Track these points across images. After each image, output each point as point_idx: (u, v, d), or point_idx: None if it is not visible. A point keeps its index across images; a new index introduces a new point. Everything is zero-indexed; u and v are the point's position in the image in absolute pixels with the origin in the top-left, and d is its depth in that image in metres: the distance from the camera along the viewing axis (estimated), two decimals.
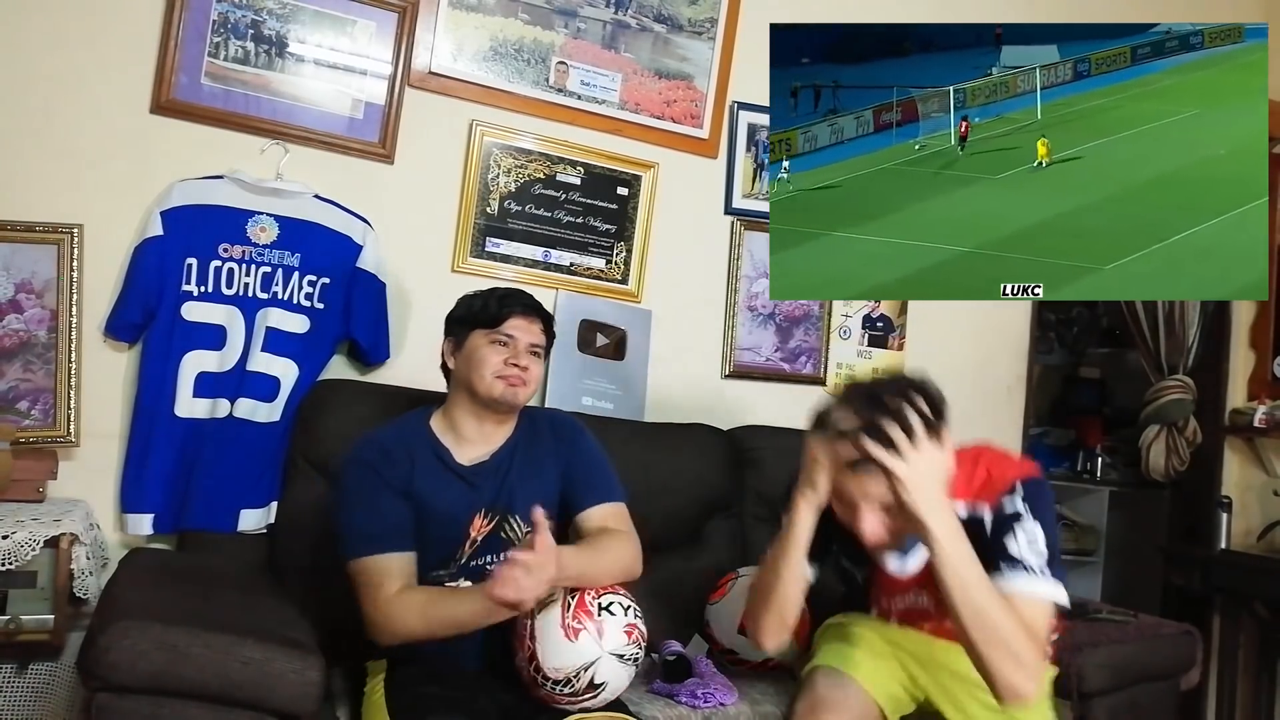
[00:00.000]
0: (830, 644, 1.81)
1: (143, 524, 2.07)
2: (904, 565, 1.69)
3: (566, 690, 1.61)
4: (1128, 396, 3.92)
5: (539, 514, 1.57)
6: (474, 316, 1.84)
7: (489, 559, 1.76)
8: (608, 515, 1.83)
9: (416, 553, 1.73)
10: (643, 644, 1.68)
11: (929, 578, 1.58)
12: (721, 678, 2.00)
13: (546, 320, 1.89)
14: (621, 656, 1.63)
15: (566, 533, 1.87)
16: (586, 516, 1.81)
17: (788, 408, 2.75)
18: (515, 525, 1.79)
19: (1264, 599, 3.20)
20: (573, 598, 1.63)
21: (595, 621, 1.61)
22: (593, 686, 1.61)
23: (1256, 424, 3.29)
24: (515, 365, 1.79)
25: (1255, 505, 3.39)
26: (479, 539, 1.77)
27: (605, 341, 2.56)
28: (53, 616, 1.81)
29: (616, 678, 1.64)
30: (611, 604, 1.64)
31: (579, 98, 2.53)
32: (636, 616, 1.67)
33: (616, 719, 1.68)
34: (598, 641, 1.61)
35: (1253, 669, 3.35)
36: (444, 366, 1.88)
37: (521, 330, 1.82)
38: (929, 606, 1.73)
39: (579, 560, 1.65)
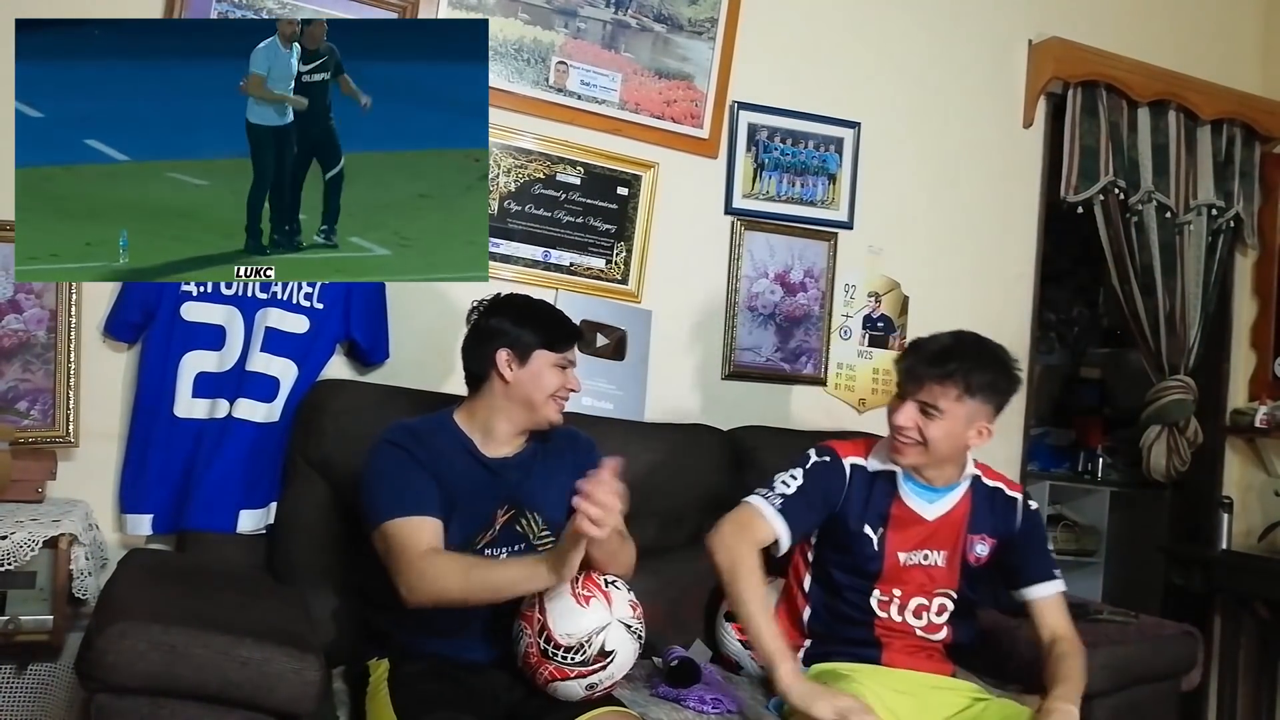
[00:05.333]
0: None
1: (142, 524, 2.07)
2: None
3: (576, 659, 1.62)
4: (1128, 397, 3.91)
5: (615, 461, 1.57)
6: (545, 337, 1.84)
7: (502, 552, 1.78)
8: None
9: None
10: (644, 623, 1.71)
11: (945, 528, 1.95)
12: (729, 688, 2.00)
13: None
14: (629, 627, 1.67)
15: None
16: None
17: (788, 408, 2.75)
18: (532, 521, 1.82)
19: (1265, 599, 3.19)
20: (580, 573, 1.65)
21: (604, 591, 1.66)
22: (603, 654, 1.63)
23: (1258, 424, 3.29)
24: (570, 390, 1.87)
25: (1256, 505, 3.39)
26: (499, 528, 1.80)
27: (605, 341, 2.56)
28: (52, 617, 1.81)
29: (624, 648, 1.66)
30: (616, 581, 1.71)
31: (579, 98, 2.53)
32: (636, 599, 1.72)
33: (622, 713, 1.69)
34: (608, 608, 1.65)
35: (1254, 670, 3.35)
36: (489, 372, 1.83)
37: (575, 354, 1.90)
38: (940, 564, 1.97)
39: (615, 536, 1.70)
